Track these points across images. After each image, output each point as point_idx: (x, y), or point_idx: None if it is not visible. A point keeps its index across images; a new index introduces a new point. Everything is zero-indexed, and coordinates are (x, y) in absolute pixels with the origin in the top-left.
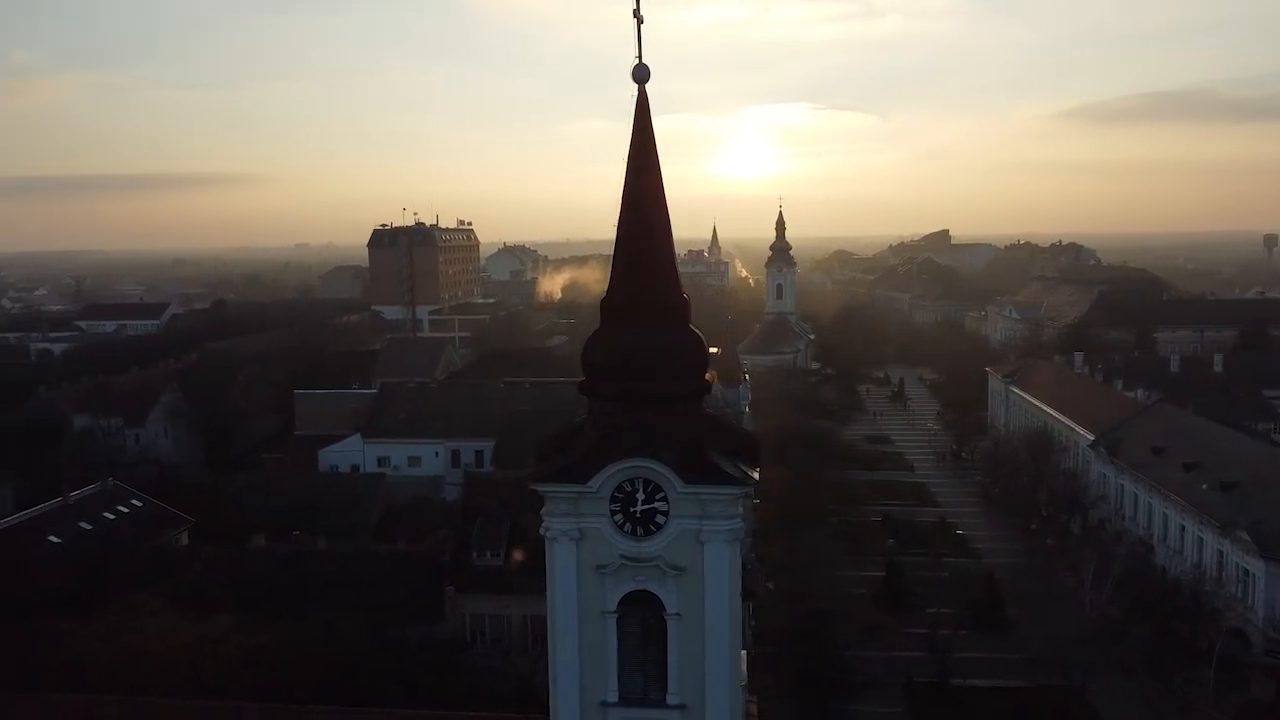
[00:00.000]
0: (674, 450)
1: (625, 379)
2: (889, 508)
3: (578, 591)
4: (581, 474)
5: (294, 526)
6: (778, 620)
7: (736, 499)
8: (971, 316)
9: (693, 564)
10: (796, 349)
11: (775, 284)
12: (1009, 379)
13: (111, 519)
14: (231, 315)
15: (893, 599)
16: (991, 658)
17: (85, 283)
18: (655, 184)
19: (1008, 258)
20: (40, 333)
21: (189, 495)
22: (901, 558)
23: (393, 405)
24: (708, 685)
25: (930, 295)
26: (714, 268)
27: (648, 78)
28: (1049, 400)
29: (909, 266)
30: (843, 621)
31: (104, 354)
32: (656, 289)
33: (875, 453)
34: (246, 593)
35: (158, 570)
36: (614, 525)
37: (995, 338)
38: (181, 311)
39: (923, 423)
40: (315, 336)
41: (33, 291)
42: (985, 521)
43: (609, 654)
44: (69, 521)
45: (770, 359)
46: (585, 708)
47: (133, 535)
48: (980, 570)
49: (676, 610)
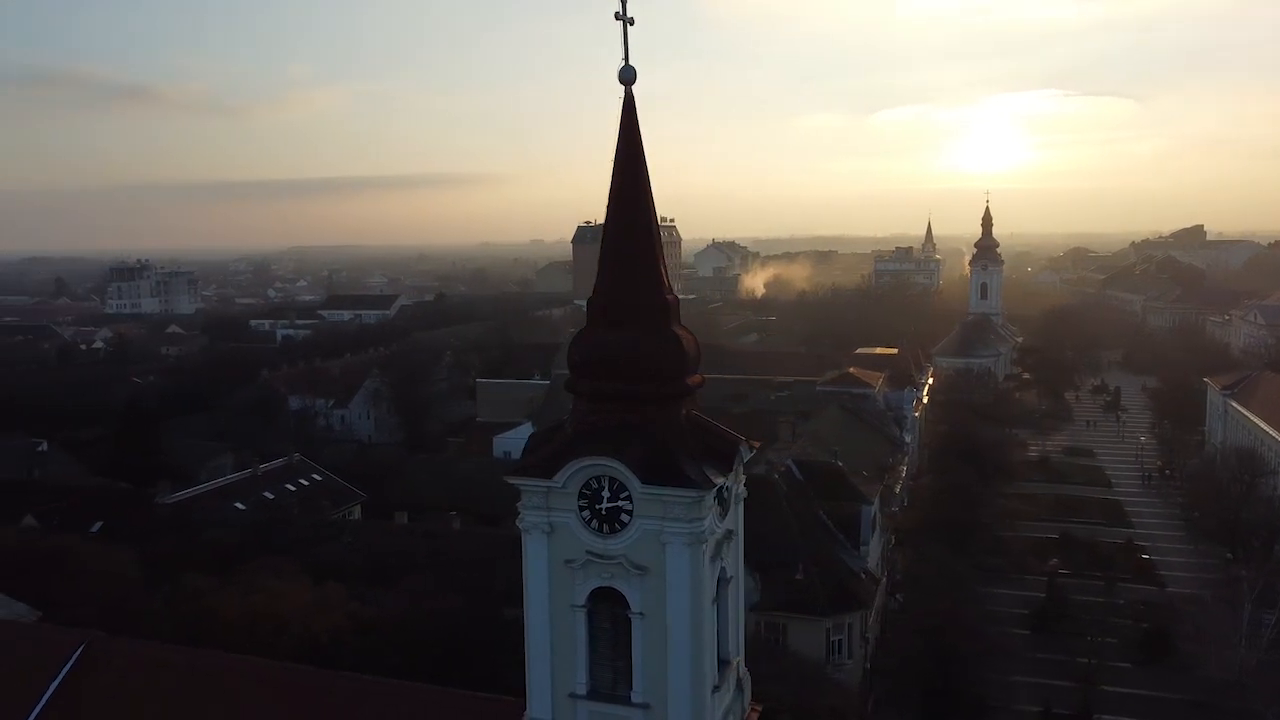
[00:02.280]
0: (636, 450)
1: (597, 377)
2: (1070, 525)
3: (549, 584)
4: (548, 469)
5: (454, 506)
6: (903, 635)
7: (695, 502)
8: (1214, 321)
9: (655, 565)
10: (997, 352)
11: (979, 283)
12: (1227, 391)
13: (292, 490)
14: (448, 307)
15: (1049, 623)
16: (1150, 695)
17: (340, 275)
18: (640, 184)
19: (1271, 257)
20: (288, 320)
21: (377, 472)
22: (1069, 579)
23: (563, 396)
24: (669, 687)
25: (1168, 297)
26: (923, 265)
27: (634, 79)
28: (1268, 417)
29: (1147, 265)
30: (981, 641)
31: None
32: (636, 289)
33: (1070, 465)
34: (376, 564)
35: (310, 539)
36: (581, 521)
37: (1236, 345)
38: (410, 303)
39: (1135, 436)
40: (515, 328)
41: (295, 283)
42: (1181, 547)
43: (579, 647)
44: (255, 490)
45: (963, 362)
46: (556, 698)
47: (300, 506)
48: (1161, 599)
49: (640, 610)
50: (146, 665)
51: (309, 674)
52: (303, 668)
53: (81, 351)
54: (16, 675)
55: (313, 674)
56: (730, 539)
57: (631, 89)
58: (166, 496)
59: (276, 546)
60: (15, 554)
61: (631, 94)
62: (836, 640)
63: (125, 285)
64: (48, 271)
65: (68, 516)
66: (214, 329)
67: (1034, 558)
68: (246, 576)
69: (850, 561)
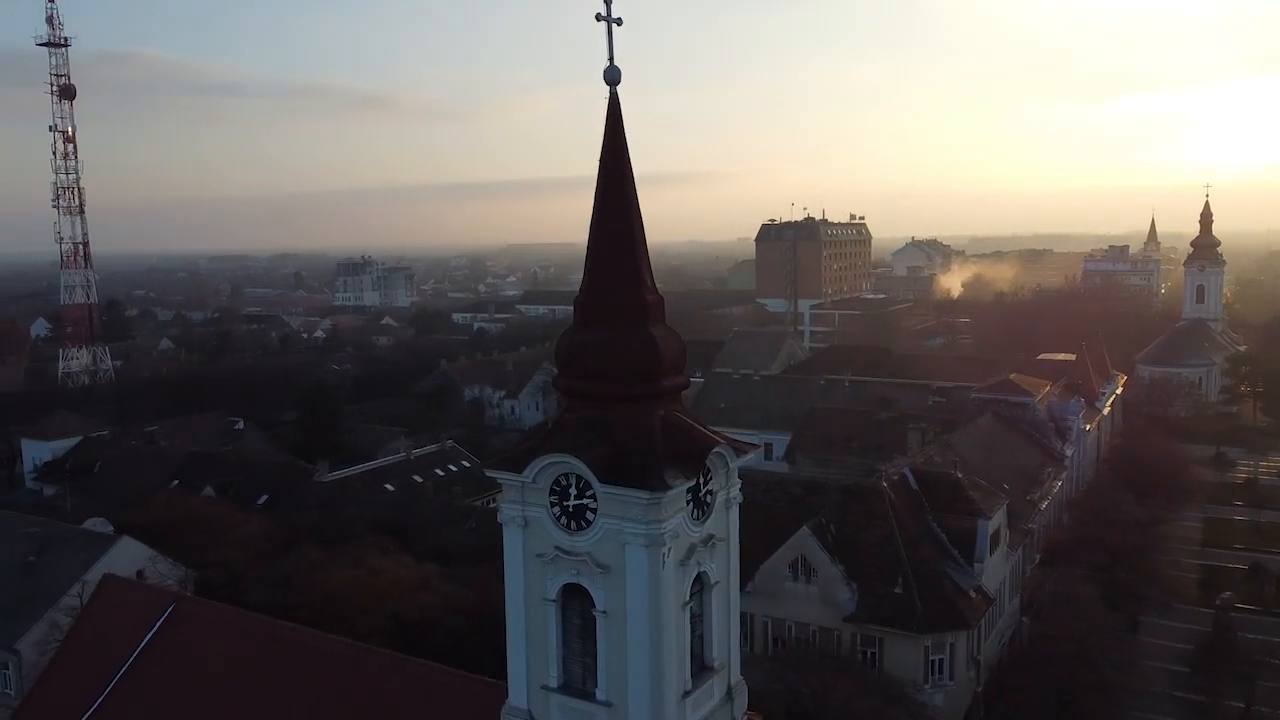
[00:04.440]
0: (598, 449)
1: (571, 376)
2: (1265, 556)
3: (524, 576)
4: (519, 463)
5: None
6: (1028, 662)
7: (653, 504)
8: None
9: (618, 564)
10: (1209, 362)
11: (1194, 285)
12: None
13: (440, 475)
14: None
15: (1211, 662)
16: None
17: (549, 270)
18: (623, 185)
19: None
20: (486, 314)
21: None
22: (1247, 615)
23: (714, 394)
24: (629, 687)
25: None
26: (1141, 266)
27: (619, 80)
28: None
29: None
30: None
31: (517, 333)
32: (614, 289)
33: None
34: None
35: (436, 522)
36: (552, 517)
37: None
38: None
39: None
40: (688, 326)
41: (505, 279)
42: None
43: (551, 640)
44: (406, 473)
45: (1168, 371)
46: (532, 689)
47: (437, 490)
48: None
49: (603, 608)
50: (222, 629)
51: (355, 650)
52: (355, 646)
53: (302, 339)
54: (122, 626)
55: (356, 651)
56: (713, 543)
57: (616, 90)
58: (324, 475)
59: (400, 527)
60: (174, 517)
61: (616, 95)
62: (936, 660)
63: (350, 279)
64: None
65: (241, 489)
66: (420, 321)
67: (1208, 589)
68: (357, 552)
69: (959, 578)
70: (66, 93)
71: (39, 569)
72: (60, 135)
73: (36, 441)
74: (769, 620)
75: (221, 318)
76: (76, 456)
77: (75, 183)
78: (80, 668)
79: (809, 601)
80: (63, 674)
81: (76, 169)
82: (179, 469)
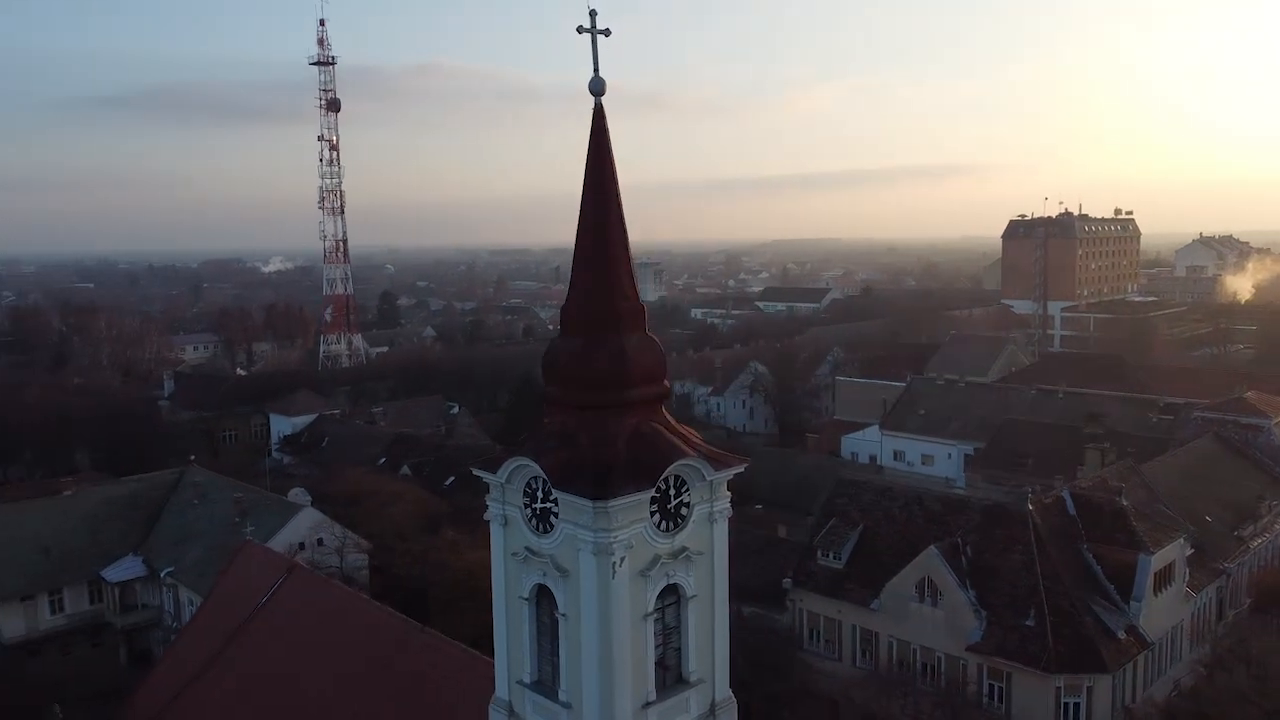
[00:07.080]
0: (556, 454)
1: (548, 383)
2: None
3: (505, 573)
4: (494, 465)
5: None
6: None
7: (600, 512)
8: None
9: (575, 569)
10: None
11: None
12: None
13: None
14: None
15: None
16: None
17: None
18: (609, 195)
19: None
20: (724, 310)
21: None
22: None
23: (917, 400)
24: (583, 690)
25: None
26: None
27: (603, 91)
28: None
29: None
30: None
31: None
32: (593, 297)
33: None
34: None
35: None
36: (524, 518)
37: None
38: (841, 297)
39: None
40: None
41: (757, 274)
42: None
43: (526, 638)
44: None
45: None
46: (511, 683)
47: None
48: None
49: (564, 610)
50: (318, 603)
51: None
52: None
53: (547, 330)
54: (245, 589)
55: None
56: (687, 556)
57: (600, 101)
58: None
59: None
60: (360, 490)
61: (601, 105)
62: (1071, 703)
63: None
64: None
65: (434, 469)
66: (658, 316)
67: None
68: (484, 535)
69: (1108, 617)
70: (333, 105)
71: (241, 529)
72: (326, 144)
73: (281, 417)
74: (894, 640)
75: (479, 308)
76: (311, 432)
77: (338, 186)
78: (215, 618)
79: (935, 625)
80: (205, 621)
81: (339, 174)
82: (386, 447)
